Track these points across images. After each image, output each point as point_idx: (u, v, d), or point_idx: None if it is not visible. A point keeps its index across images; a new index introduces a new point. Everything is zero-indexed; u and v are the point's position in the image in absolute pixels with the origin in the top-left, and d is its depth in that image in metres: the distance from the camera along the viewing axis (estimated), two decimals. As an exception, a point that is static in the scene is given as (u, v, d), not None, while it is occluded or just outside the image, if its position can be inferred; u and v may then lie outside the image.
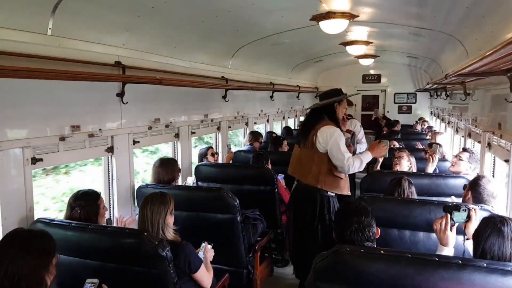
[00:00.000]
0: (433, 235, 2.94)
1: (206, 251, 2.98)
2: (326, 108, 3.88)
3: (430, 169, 4.27)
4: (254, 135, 6.43)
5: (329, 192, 3.73)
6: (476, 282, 1.82)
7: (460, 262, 1.89)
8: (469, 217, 2.46)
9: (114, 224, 3.10)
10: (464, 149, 4.16)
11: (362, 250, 2.04)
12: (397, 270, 1.94)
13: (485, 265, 1.85)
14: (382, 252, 2.02)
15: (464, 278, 1.83)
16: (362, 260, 1.99)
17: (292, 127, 9.25)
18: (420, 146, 6.57)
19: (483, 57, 2.43)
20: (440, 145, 5.06)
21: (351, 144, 4.55)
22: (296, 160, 3.98)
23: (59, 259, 2.07)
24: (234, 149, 6.31)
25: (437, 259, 1.91)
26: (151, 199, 2.78)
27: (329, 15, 4.63)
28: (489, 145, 3.71)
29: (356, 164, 3.63)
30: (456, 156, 4.19)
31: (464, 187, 3.21)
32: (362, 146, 4.85)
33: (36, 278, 1.81)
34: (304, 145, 3.82)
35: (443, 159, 4.86)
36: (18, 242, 1.87)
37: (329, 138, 3.67)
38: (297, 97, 10.35)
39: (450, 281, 1.84)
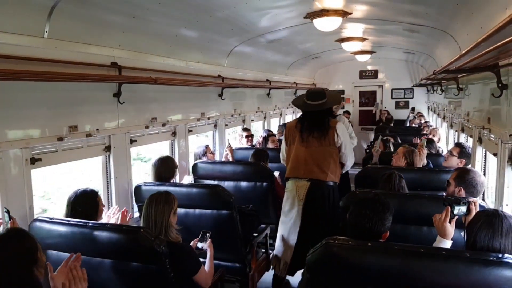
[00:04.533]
0: (425, 228, 3.01)
1: (210, 246, 3.06)
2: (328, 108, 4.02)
3: (419, 163, 4.29)
4: (251, 134, 6.47)
5: (333, 183, 3.94)
6: (459, 272, 1.88)
7: (444, 253, 1.96)
8: (469, 210, 2.50)
9: (105, 221, 3.16)
10: (457, 144, 4.21)
11: (350, 243, 2.11)
12: (384, 261, 2.00)
13: (468, 255, 1.92)
14: (370, 244, 2.09)
15: (449, 268, 1.90)
16: (350, 252, 2.06)
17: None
18: (418, 141, 6.56)
19: (466, 52, 2.48)
20: (433, 140, 5.13)
21: None
22: (303, 161, 3.91)
23: (59, 256, 2.14)
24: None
25: (422, 250, 1.98)
26: (155, 198, 2.80)
27: (322, 12, 4.69)
28: (480, 139, 3.77)
29: None
30: (449, 151, 4.25)
31: (447, 183, 3.24)
32: (353, 141, 4.92)
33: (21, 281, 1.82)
34: (319, 143, 3.86)
35: (437, 154, 4.92)
36: None
37: (345, 134, 3.94)
38: (295, 93, 10.39)
39: (435, 271, 1.90)
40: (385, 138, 5.87)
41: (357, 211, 2.43)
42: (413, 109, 10.86)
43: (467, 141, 4.89)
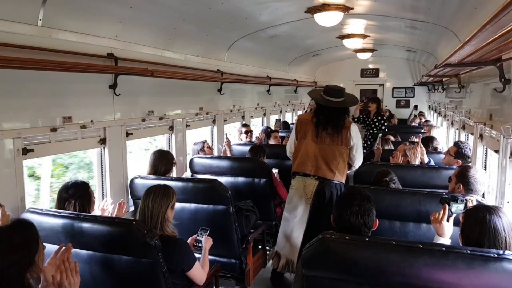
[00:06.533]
0: (423, 225, 2.98)
1: (206, 242, 3.02)
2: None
3: (413, 160, 4.22)
4: (250, 130, 6.42)
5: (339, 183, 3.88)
6: (459, 268, 1.83)
7: (444, 249, 1.91)
8: (466, 208, 2.47)
9: (98, 213, 3.10)
10: (455, 144, 4.15)
11: (347, 238, 2.05)
12: (382, 257, 1.95)
13: (468, 252, 1.86)
14: (367, 239, 2.04)
15: (447, 264, 1.85)
16: (347, 247, 2.01)
17: (290, 122, 9.22)
18: (414, 139, 6.52)
19: (466, 42, 2.42)
20: (434, 138, 5.09)
21: None
22: (313, 157, 3.81)
23: (49, 248, 2.08)
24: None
25: (421, 246, 1.93)
26: (153, 191, 2.75)
27: (323, 7, 4.64)
28: (481, 136, 3.71)
29: None
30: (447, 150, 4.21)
31: (449, 179, 3.21)
32: None
33: (17, 275, 1.75)
34: (331, 141, 3.78)
35: (436, 151, 4.87)
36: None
37: (358, 135, 3.86)
38: (295, 91, 10.34)
39: (434, 268, 1.85)
40: (384, 137, 5.83)
41: (344, 211, 2.41)
42: (415, 106, 10.82)
43: (467, 139, 4.83)
